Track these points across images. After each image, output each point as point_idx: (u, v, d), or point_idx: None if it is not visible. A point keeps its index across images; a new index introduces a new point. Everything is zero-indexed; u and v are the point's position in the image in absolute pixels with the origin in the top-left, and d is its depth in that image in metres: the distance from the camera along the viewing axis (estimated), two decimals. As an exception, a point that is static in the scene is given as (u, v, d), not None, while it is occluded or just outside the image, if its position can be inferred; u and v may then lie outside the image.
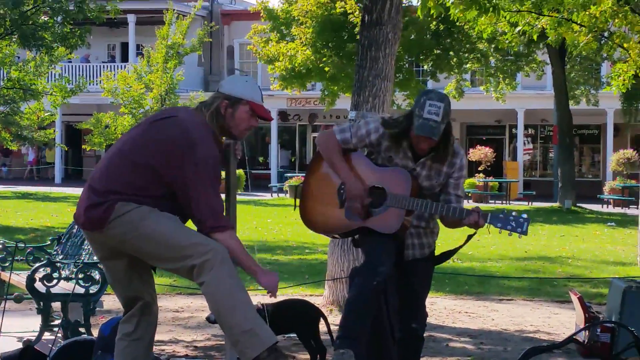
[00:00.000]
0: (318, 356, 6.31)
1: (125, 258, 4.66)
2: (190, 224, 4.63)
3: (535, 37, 14.16)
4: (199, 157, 4.47)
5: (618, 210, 27.88)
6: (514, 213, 5.11)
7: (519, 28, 14.03)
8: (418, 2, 10.76)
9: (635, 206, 28.63)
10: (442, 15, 11.90)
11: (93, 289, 6.94)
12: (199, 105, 4.76)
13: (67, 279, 7.07)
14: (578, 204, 26.93)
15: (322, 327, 6.54)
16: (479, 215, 5.04)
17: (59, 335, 6.92)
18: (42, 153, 43.30)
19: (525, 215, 5.09)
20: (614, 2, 13.21)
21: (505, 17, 13.57)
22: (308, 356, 6.40)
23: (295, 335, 6.55)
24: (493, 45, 25.67)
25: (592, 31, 13.48)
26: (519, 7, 13.53)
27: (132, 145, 4.64)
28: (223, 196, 4.75)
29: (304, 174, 5.95)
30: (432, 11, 10.40)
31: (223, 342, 5.98)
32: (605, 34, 14.19)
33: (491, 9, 11.65)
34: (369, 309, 5.10)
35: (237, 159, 5.02)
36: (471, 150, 33.89)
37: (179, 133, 4.54)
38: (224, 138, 4.83)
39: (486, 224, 5.08)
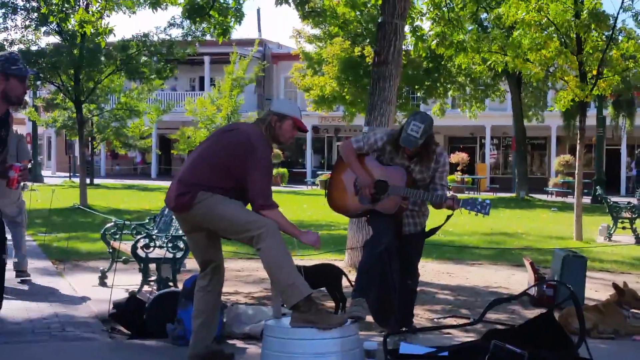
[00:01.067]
0: (340, 304, 6.30)
1: (203, 231, 4.67)
2: (249, 206, 4.65)
3: (500, 70, 14.22)
4: (258, 156, 4.51)
5: (559, 199, 27.61)
6: (479, 199, 5.12)
7: (489, 62, 14.19)
8: (412, 46, 11.05)
9: (572, 196, 28.41)
10: (431, 56, 12.57)
11: (179, 255, 6.99)
12: (256, 120, 4.80)
13: (161, 247, 7.11)
14: (530, 195, 26.72)
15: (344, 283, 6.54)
16: (454, 201, 5.06)
17: (155, 287, 6.98)
18: (144, 156, 43.69)
19: (488, 201, 5.09)
20: (557, 47, 13.18)
21: (479, 54, 13.74)
22: (333, 304, 6.39)
23: (324, 289, 6.53)
24: (469, 78, 25.59)
25: (541, 65, 13.55)
26: (489, 47, 13.66)
27: (209, 151, 4.66)
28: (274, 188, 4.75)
29: (330, 172, 5.97)
30: (421, 52, 11.05)
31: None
32: (551, 68, 14.12)
33: (463, 51, 12.38)
34: (375, 269, 5.11)
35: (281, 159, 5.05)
36: (452, 155, 33.80)
37: (244, 140, 4.57)
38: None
39: (460, 208, 5.09)
